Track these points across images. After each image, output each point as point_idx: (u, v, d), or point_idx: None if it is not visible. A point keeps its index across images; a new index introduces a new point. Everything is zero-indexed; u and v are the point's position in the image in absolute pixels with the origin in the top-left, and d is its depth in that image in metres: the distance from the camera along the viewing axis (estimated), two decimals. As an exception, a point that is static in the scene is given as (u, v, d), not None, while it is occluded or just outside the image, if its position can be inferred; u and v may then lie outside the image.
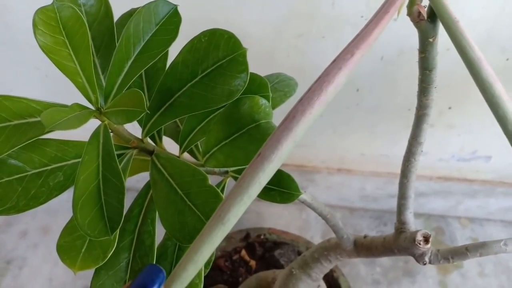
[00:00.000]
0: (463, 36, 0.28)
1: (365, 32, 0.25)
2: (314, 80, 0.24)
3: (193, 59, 0.29)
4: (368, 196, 0.90)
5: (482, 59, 0.29)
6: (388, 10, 0.26)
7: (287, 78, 0.39)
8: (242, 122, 0.30)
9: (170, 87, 0.30)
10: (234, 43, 0.29)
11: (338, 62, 0.24)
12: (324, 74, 0.24)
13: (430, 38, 0.31)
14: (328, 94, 0.23)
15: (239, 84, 0.28)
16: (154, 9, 0.30)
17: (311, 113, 0.22)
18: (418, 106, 0.36)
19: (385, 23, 0.26)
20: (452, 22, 0.28)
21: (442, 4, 0.28)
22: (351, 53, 0.24)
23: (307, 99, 0.23)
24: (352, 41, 0.25)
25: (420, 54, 0.33)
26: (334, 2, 0.58)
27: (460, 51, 0.29)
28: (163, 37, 0.30)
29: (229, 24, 0.63)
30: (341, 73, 0.23)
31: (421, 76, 0.34)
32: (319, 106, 0.23)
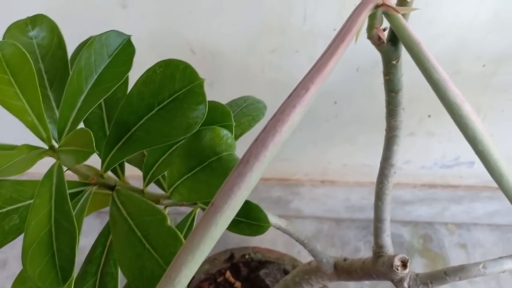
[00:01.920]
0: (426, 58, 0.27)
1: (320, 64, 0.24)
2: (270, 118, 0.23)
3: (149, 91, 0.28)
4: (354, 206, 0.89)
5: (447, 80, 0.28)
6: (343, 39, 0.24)
7: (256, 102, 0.38)
8: (203, 155, 0.28)
9: (126, 121, 0.29)
10: (190, 74, 0.27)
11: (293, 99, 0.22)
12: (279, 112, 0.22)
13: (393, 60, 0.30)
14: (282, 134, 0.22)
15: (197, 117, 0.27)
16: (106, 40, 0.29)
17: (265, 156, 0.21)
18: (387, 128, 0.35)
19: (341, 53, 0.24)
20: (414, 44, 0.27)
21: (402, 26, 0.27)
22: (306, 88, 0.23)
23: (261, 141, 0.21)
24: (307, 75, 0.24)
25: (385, 76, 0.32)
26: (306, 16, 0.57)
27: (425, 73, 0.28)
28: (116, 69, 0.29)
29: (201, 42, 0.61)
30: (295, 111, 0.22)
31: (387, 98, 0.33)
32: (273, 147, 0.22)
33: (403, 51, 0.31)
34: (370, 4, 0.27)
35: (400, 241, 0.88)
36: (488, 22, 0.57)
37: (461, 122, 0.30)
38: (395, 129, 0.34)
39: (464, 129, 0.30)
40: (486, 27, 0.58)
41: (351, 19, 0.26)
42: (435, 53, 0.68)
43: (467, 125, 0.30)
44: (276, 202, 0.89)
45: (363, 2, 0.27)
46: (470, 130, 0.30)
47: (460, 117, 0.30)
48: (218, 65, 0.65)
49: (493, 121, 0.70)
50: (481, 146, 0.31)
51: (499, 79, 0.64)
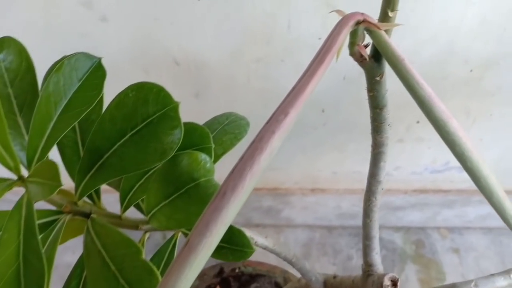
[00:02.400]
0: (410, 75, 0.26)
1: (299, 86, 0.22)
2: (248, 145, 0.22)
3: (121, 116, 0.27)
4: (345, 214, 0.88)
5: (432, 97, 0.27)
6: (323, 60, 0.23)
7: (238, 118, 0.37)
8: (180, 182, 0.27)
9: (99, 147, 0.27)
10: (164, 97, 0.26)
11: (271, 125, 0.21)
12: (257, 139, 0.21)
13: (377, 76, 0.29)
14: (261, 163, 0.20)
15: (172, 142, 0.26)
16: (75, 64, 0.27)
17: (243, 187, 0.20)
18: (373, 144, 0.34)
19: (320, 74, 0.23)
20: (397, 60, 0.26)
21: (385, 42, 0.26)
22: (285, 113, 0.21)
23: (238, 171, 0.20)
24: (286, 98, 0.22)
25: (369, 92, 0.31)
26: (290, 25, 0.56)
27: (409, 90, 0.27)
28: (87, 93, 0.27)
29: (184, 53, 0.60)
30: (274, 137, 0.21)
31: (372, 115, 0.32)
32: (251, 178, 0.20)
33: (387, 66, 0.30)
34: (350, 21, 0.26)
35: (393, 247, 0.88)
36: (475, 27, 0.57)
37: (448, 138, 0.29)
38: (381, 145, 0.33)
39: (451, 146, 0.29)
40: (473, 32, 0.57)
41: (331, 37, 0.25)
42: (422, 59, 0.68)
43: (454, 142, 0.29)
44: (267, 211, 0.88)
45: (343, 20, 0.26)
46: (457, 146, 0.29)
47: (447, 133, 0.29)
48: (203, 76, 0.64)
49: (482, 125, 0.70)
50: (469, 163, 0.30)
51: (487, 84, 0.64)
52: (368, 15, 0.27)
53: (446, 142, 0.29)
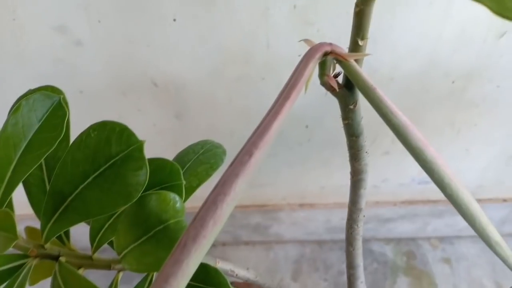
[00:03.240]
0: (383, 103, 0.25)
1: (264, 125, 0.21)
2: (212, 189, 0.21)
3: (84, 157, 0.25)
4: (335, 228, 0.87)
5: (407, 125, 0.26)
6: (289, 96, 0.22)
7: (214, 147, 0.36)
8: (149, 224, 0.26)
9: (62, 190, 0.26)
10: (127, 137, 0.25)
11: (235, 167, 0.20)
12: (220, 184, 0.20)
13: (351, 105, 0.28)
14: (224, 209, 0.19)
15: (137, 184, 0.24)
16: (34, 104, 0.26)
17: (205, 237, 0.19)
18: (352, 171, 0.33)
19: (286, 111, 0.22)
20: (369, 89, 0.25)
21: (355, 72, 0.25)
22: (249, 154, 0.20)
23: (200, 220, 0.19)
24: (251, 138, 0.21)
25: (343, 121, 0.30)
26: (269, 44, 0.55)
27: (383, 118, 0.26)
28: (47, 134, 0.26)
29: (162, 74, 0.59)
30: (238, 180, 0.20)
31: (349, 143, 0.31)
32: (214, 226, 0.19)
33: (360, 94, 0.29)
34: (317, 54, 0.25)
35: (384, 260, 0.87)
36: (454, 39, 0.56)
37: (426, 166, 0.28)
38: (360, 172, 0.32)
39: (430, 174, 0.28)
40: (452, 45, 0.57)
41: (297, 72, 0.24)
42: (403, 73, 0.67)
43: (433, 170, 0.28)
44: (255, 228, 0.87)
45: (309, 52, 0.25)
46: (436, 174, 0.28)
47: (425, 161, 0.28)
48: (183, 96, 0.63)
49: (467, 135, 0.69)
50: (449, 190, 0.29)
51: (471, 95, 0.64)
52: (336, 45, 0.26)
53: (425, 169, 0.28)
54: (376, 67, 0.58)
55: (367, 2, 0.23)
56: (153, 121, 0.66)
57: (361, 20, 0.24)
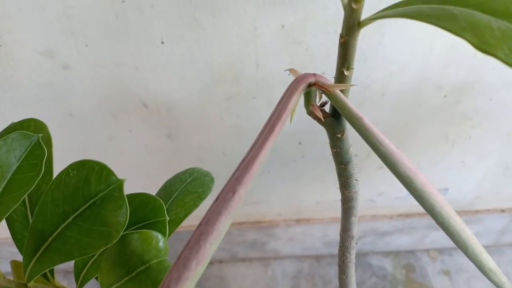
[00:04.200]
0: (370, 132, 0.25)
1: (248, 160, 0.21)
2: (196, 227, 0.20)
3: (63, 197, 0.25)
4: (332, 242, 0.86)
5: (395, 153, 0.26)
6: (273, 129, 0.22)
7: (202, 175, 0.35)
8: (131, 264, 0.25)
9: (42, 230, 0.26)
10: (106, 176, 0.24)
11: (218, 205, 0.19)
12: (203, 222, 0.19)
13: (338, 133, 0.28)
14: (207, 248, 0.19)
15: (118, 224, 0.24)
16: (12, 144, 0.25)
17: (188, 278, 0.18)
18: (342, 199, 0.32)
19: (270, 144, 0.22)
20: (356, 119, 0.25)
21: (341, 102, 0.25)
22: (233, 191, 0.20)
23: (182, 260, 0.18)
24: (234, 174, 0.21)
25: (332, 149, 0.29)
26: (258, 63, 0.55)
27: (372, 147, 0.26)
28: (26, 174, 0.25)
29: (152, 95, 0.59)
30: (221, 218, 0.19)
31: (338, 170, 0.30)
32: (197, 266, 0.19)
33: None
34: (301, 85, 0.24)
35: (383, 274, 0.86)
36: (444, 54, 0.56)
37: (416, 194, 0.27)
38: (350, 200, 0.32)
39: (420, 201, 0.27)
40: (443, 60, 0.57)
41: (281, 104, 0.24)
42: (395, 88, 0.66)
43: (423, 198, 0.27)
44: (252, 245, 0.86)
45: (293, 83, 0.24)
46: (426, 202, 0.28)
47: (414, 190, 0.27)
48: (174, 117, 0.62)
49: (461, 148, 0.69)
50: (440, 218, 0.29)
51: (463, 108, 0.63)
52: (321, 75, 0.26)
53: (415, 197, 0.27)
54: (367, 83, 0.58)
55: (352, 33, 0.22)
56: (144, 142, 0.65)
57: (346, 51, 0.24)
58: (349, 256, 0.33)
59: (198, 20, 0.51)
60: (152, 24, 0.51)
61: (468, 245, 0.31)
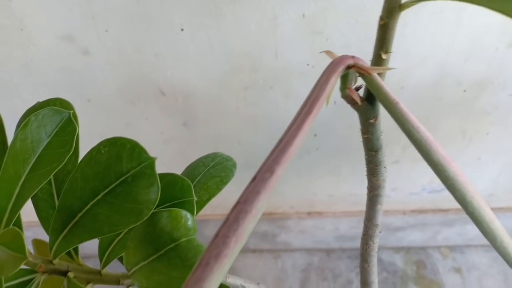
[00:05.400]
0: (405, 118, 0.25)
1: (286, 141, 0.21)
2: (233, 206, 0.20)
3: (94, 174, 0.25)
4: (344, 236, 0.86)
5: (429, 140, 0.25)
6: (310, 111, 0.22)
7: (225, 160, 0.35)
8: (160, 242, 0.25)
9: (71, 206, 0.26)
10: (138, 154, 0.24)
11: (256, 185, 0.19)
12: (241, 201, 0.19)
13: (371, 119, 0.28)
14: (246, 226, 0.19)
15: (149, 201, 0.24)
16: (44, 119, 0.25)
17: (226, 255, 0.18)
18: (369, 186, 0.32)
19: (308, 125, 0.21)
20: (392, 104, 0.24)
21: (378, 86, 0.25)
22: (271, 171, 0.20)
23: (222, 237, 0.18)
24: (272, 154, 0.21)
25: (363, 135, 0.29)
26: (277, 53, 0.55)
27: (406, 133, 0.25)
28: (56, 150, 0.25)
29: (170, 83, 0.59)
30: (260, 197, 0.19)
31: (367, 157, 0.30)
32: (236, 244, 0.18)
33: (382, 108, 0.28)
34: (339, 67, 0.24)
35: (394, 269, 0.85)
36: (466, 48, 0.55)
37: (448, 183, 0.27)
38: (377, 188, 0.31)
39: (452, 191, 0.27)
40: (464, 53, 0.56)
41: (318, 85, 0.23)
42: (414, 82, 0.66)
43: (454, 187, 0.27)
44: (263, 236, 0.86)
45: (332, 65, 0.24)
46: (458, 191, 0.27)
47: (447, 178, 0.27)
48: (190, 105, 0.62)
49: (479, 144, 0.68)
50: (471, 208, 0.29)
51: (482, 103, 0.63)
52: (359, 58, 0.25)
53: (446, 186, 0.27)
54: (386, 75, 0.57)
55: (392, 15, 0.22)
56: (160, 130, 0.65)
57: (385, 34, 0.23)
58: (372, 244, 0.33)
59: (218, 7, 0.50)
60: (172, 10, 0.51)
61: (496, 237, 0.30)
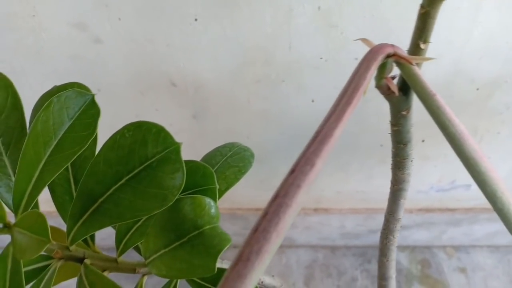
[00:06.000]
0: (441, 111, 0.24)
1: (326, 132, 0.20)
2: (270, 199, 0.19)
3: (117, 158, 0.24)
4: (349, 233, 0.86)
5: (463, 134, 0.25)
6: (351, 101, 0.21)
7: (242, 150, 0.34)
8: (183, 229, 0.24)
9: (92, 191, 0.25)
10: (164, 138, 0.24)
11: (297, 178, 0.19)
12: (281, 194, 0.18)
13: (403, 110, 0.27)
14: (287, 221, 0.18)
15: (173, 187, 0.23)
16: (66, 101, 0.25)
17: (267, 251, 0.17)
18: (393, 180, 0.31)
19: (348, 116, 0.21)
20: (428, 96, 0.24)
21: (416, 76, 0.24)
22: (311, 163, 0.19)
23: (262, 232, 0.18)
24: (311, 145, 0.20)
25: (393, 127, 0.28)
26: (291, 46, 0.54)
27: (440, 126, 0.25)
28: (78, 133, 0.25)
29: (181, 74, 0.58)
30: (300, 191, 0.18)
31: (394, 150, 0.30)
32: (277, 239, 0.18)
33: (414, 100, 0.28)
34: (379, 56, 0.23)
35: (398, 268, 0.85)
36: (481, 46, 0.55)
37: (479, 178, 0.27)
38: (401, 182, 0.31)
39: (482, 186, 0.27)
40: (479, 52, 0.56)
41: (358, 74, 0.23)
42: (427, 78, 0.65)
43: (485, 182, 0.27)
44: (268, 232, 0.86)
45: (371, 53, 0.23)
46: (488, 187, 0.27)
47: (478, 173, 0.26)
48: (201, 97, 0.62)
49: (489, 143, 0.68)
50: (500, 204, 0.28)
51: (494, 102, 0.62)
52: (398, 47, 0.25)
53: (477, 181, 0.26)
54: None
55: (434, 4, 0.22)
56: (170, 121, 0.65)
57: (425, 23, 0.23)
58: (392, 239, 0.33)
59: (234, -2, 0.50)
60: (186, 0, 0.50)
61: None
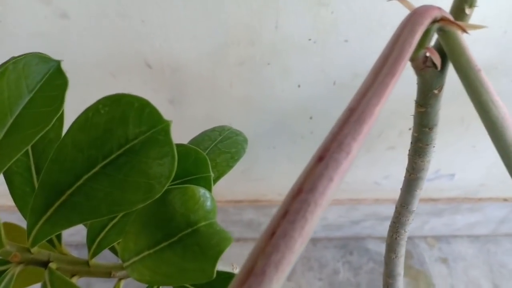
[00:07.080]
0: (484, 89, 0.20)
1: (363, 110, 0.16)
2: (288, 193, 0.15)
3: (89, 140, 0.20)
4: (331, 225, 0.83)
5: (506, 118, 0.22)
6: (394, 72, 0.17)
7: (234, 134, 0.30)
8: (172, 226, 0.20)
9: (58, 181, 0.20)
10: (149, 115, 0.19)
11: (328, 168, 0.14)
12: (306, 189, 0.14)
13: (436, 89, 0.24)
14: (314, 224, 0.14)
15: (161, 175, 0.19)
16: (25, 69, 0.20)
17: (289, 262, 0.13)
18: (410, 168, 0.28)
19: (390, 90, 0.17)
20: (472, 70, 0.20)
21: (461, 47, 0.20)
22: (347, 150, 0.14)
23: (283, 238, 0.13)
24: (343, 126, 0.15)
25: (419, 108, 0.25)
26: (278, 25, 0.50)
27: (479, 107, 0.21)
28: (41, 109, 0.20)
29: (157, 54, 0.53)
30: (332, 185, 0.14)
31: (417, 134, 0.26)
32: (300, 246, 0.13)
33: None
34: (426, 19, 0.20)
35: (380, 260, 0.83)
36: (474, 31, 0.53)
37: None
38: (420, 170, 0.28)
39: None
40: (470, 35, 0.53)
41: (400, 40, 0.19)
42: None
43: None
44: (248, 225, 0.82)
45: (415, 16, 0.19)
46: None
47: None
48: (179, 80, 0.57)
49: (475, 132, 0.66)
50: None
51: (483, 89, 0.60)
52: (445, 10, 0.21)
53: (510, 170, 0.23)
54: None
55: None
56: (144, 107, 0.60)
57: None
58: (403, 233, 0.30)
59: (217, -30, 0.45)
60: (165, -29, 0.46)
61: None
